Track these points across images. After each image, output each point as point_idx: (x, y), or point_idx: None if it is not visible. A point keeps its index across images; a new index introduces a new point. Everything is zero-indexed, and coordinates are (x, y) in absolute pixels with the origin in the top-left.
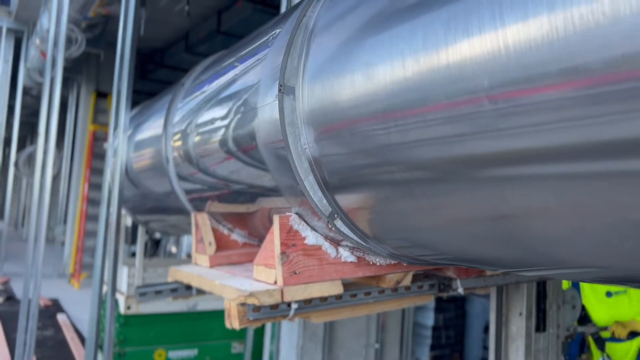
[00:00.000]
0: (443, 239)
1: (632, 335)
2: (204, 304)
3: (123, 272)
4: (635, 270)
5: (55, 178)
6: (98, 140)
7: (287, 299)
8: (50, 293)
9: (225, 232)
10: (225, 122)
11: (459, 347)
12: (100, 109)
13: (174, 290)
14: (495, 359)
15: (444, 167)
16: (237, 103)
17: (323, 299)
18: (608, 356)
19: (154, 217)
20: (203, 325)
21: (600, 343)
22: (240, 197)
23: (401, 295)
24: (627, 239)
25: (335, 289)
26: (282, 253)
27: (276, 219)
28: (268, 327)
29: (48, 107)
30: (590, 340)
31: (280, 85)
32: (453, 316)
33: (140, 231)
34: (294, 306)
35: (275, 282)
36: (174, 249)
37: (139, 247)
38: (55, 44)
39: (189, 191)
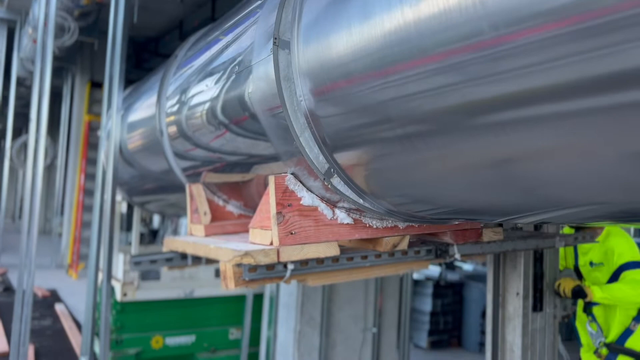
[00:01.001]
0: (445, 190)
1: (576, 295)
2: (201, 291)
3: (119, 260)
4: (634, 204)
5: (51, 169)
6: (93, 131)
7: (283, 259)
8: (48, 284)
9: (221, 203)
10: (220, 85)
11: (456, 332)
12: (95, 99)
13: (169, 260)
14: (492, 339)
15: (444, 118)
16: (231, 65)
17: (319, 262)
18: (594, 318)
19: (150, 198)
20: (200, 312)
21: (587, 307)
22: (235, 166)
23: (398, 260)
24: (626, 171)
25: (332, 250)
26: (278, 213)
27: (271, 179)
28: (265, 312)
29: (39, 93)
30: (579, 304)
31: (275, 39)
32: (451, 302)
33: (136, 217)
34: (290, 267)
35: (271, 243)
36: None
37: (134, 233)
38: (46, 24)
39: (183, 162)
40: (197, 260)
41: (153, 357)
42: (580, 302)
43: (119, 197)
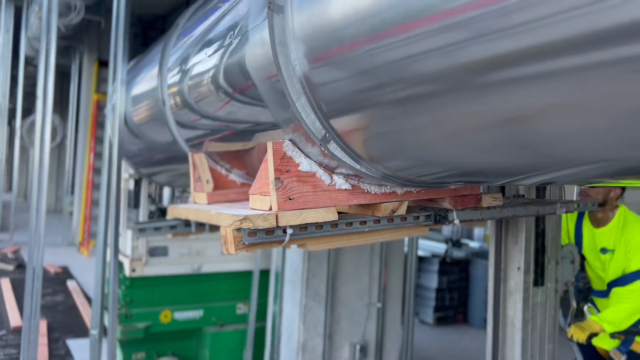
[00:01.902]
0: (442, 152)
1: (591, 337)
2: (208, 267)
3: (127, 237)
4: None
5: (61, 148)
6: (102, 110)
7: (282, 223)
8: (60, 261)
9: (224, 172)
10: (218, 53)
11: (462, 308)
12: (102, 77)
13: (172, 227)
14: (494, 313)
15: (446, 78)
16: (229, 32)
17: (318, 227)
18: (593, 303)
19: (157, 169)
20: (208, 287)
21: (586, 293)
22: (236, 134)
23: (397, 225)
24: (633, 126)
25: (330, 215)
26: (276, 178)
27: (269, 145)
28: (272, 288)
29: (45, 70)
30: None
31: (270, 3)
32: (457, 279)
33: (143, 194)
34: (289, 231)
35: (270, 209)
36: None
37: (142, 210)
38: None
39: (186, 132)
40: (200, 227)
41: (162, 331)
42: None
43: (126, 174)
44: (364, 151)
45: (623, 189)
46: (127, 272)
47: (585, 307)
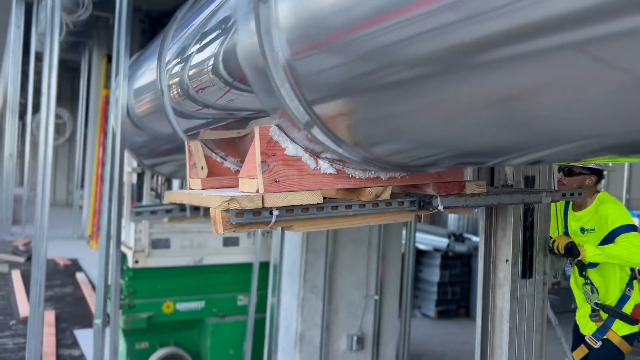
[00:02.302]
0: (422, 135)
1: (569, 251)
2: (210, 259)
3: (130, 229)
4: (635, 133)
5: (72, 143)
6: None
7: (267, 204)
8: (70, 254)
9: (219, 160)
10: (212, 43)
11: (464, 302)
12: (111, 73)
13: (168, 212)
14: (483, 304)
15: (437, 60)
16: (222, 25)
17: (304, 209)
18: (591, 282)
19: (159, 160)
20: (209, 279)
21: (582, 268)
22: (229, 122)
23: (382, 210)
24: (626, 100)
25: (315, 198)
26: (263, 162)
27: (257, 130)
28: (271, 279)
29: (49, 65)
30: (574, 267)
31: None
32: (458, 272)
33: (146, 187)
34: (275, 212)
35: (257, 191)
36: None
37: (144, 203)
38: None
39: (183, 123)
40: (195, 211)
41: (164, 322)
42: (575, 268)
43: (129, 168)
44: (345, 135)
45: (598, 176)
46: (130, 263)
47: (583, 285)
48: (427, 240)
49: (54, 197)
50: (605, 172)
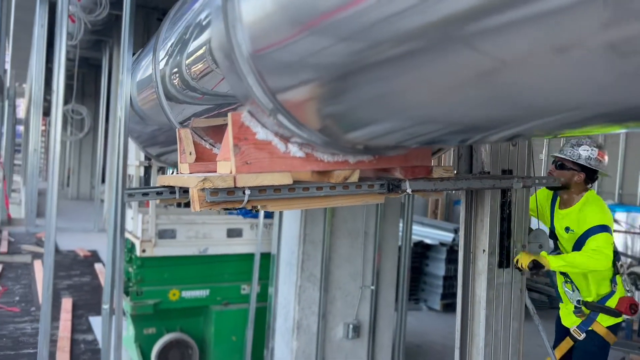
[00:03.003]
0: (374, 115)
1: (534, 268)
2: (214, 249)
3: (138, 219)
4: (610, 105)
5: (95, 139)
6: None
7: (239, 184)
8: (90, 245)
9: (207, 146)
10: (194, 37)
11: None
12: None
13: (159, 194)
14: (462, 292)
15: (417, 37)
16: (203, 17)
17: (277, 190)
18: (570, 280)
19: (163, 150)
20: (214, 268)
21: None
22: (213, 111)
23: (352, 192)
24: (610, 68)
25: (285, 179)
26: (235, 145)
27: (230, 116)
28: (272, 269)
29: (58, 62)
30: None
31: None
32: None
33: (153, 180)
34: (247, 192)
35: (231, 172)
36: None
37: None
38: None
39: (174, 110)
40: (184, 194)
41: (171, 308)
42: None
43: (137, 161)
44: (305, 120)
45: (587, 175)
46: (138, 252)
47: (563, 283)
48: (433, 234)
49: (78, 191)
50: (597, 176)
